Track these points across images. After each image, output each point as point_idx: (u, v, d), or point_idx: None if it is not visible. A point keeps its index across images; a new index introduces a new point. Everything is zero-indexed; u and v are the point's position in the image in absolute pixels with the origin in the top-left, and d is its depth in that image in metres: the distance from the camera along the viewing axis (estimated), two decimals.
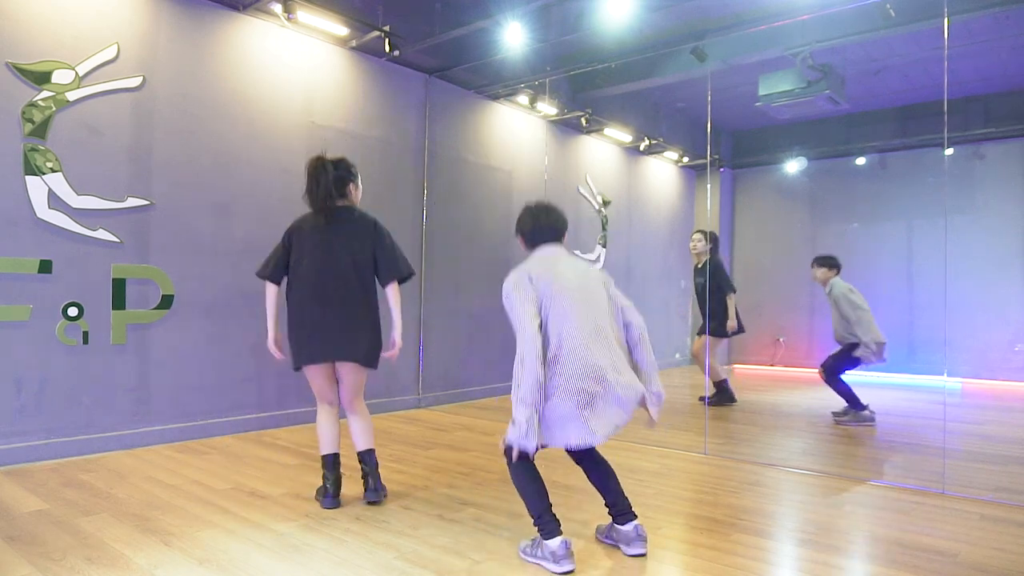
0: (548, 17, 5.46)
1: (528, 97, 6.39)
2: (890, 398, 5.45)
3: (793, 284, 7.03)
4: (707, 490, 3.37)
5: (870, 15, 4.73)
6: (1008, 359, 6.17)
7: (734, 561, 2.42)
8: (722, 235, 7.78)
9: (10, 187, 3.60)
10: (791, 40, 5.21)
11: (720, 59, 5.49)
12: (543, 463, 3.85)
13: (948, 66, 3.91)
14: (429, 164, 5.87)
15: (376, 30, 5.05)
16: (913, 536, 2.72)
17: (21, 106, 3.62)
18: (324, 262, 2.98)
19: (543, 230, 2.56)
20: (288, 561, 2.38)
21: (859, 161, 7.04)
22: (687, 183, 8.88)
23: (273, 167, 4.73)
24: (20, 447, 3.61)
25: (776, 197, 7.71)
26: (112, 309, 3.96)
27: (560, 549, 2.28)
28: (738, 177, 7.91)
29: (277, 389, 4.76)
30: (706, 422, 5.10)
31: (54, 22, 3.75)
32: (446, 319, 6.00)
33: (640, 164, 8.17)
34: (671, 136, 8.04)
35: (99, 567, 2.29)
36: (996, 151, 6.37)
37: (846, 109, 6.23)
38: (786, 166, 7.48)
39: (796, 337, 7.14)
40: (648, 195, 8.33)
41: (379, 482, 3.06)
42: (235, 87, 4.55)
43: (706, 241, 5.85)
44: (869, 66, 5.99)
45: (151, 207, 4.13)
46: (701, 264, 5.88)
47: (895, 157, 6.75)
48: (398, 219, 5.60)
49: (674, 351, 8.67)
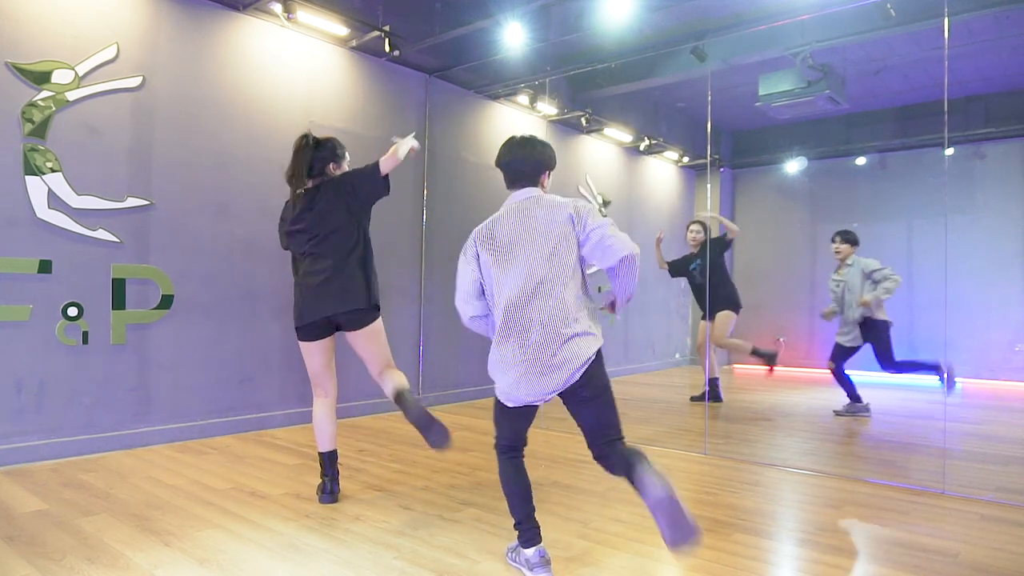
0: (548, 17, 5.46)
1: (528, 97, 6.39)
2: (890, 398, 5.45)
3: (793, 284, 7.03)
4: (707, 490, 3.37)
5: (870, 15, 4.73)
6: (1008, 359, 6.17)
7: (734, 561, 2.42)
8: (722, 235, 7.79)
9: (10, 187, 3.59)
10: (791, 40, 5.21)
11: (720, 59, 5.49)
12: (546, 463, 3.86)
13: (948, 66, 3.91)
14: (429, 164, 5.87)
15: (376, 30, 5.05)
16: (913, 536, 2.72)
17: (21, 106, 3.62)
18: (302, 242, 3.00)
19: (511, 168, 2.35)
20: (288, 561, 2.38)
21: (859, 161, 7.04)
22: (687, 183, 8.88)
23: (273, 167, 4.73)
24: (20, 447, 3.61)
25: (776, 197, 7.71)
26: (112, 309, 3.96)
27: (534, 557, 2.23)
28: (738, 177, 7.91)
29: (277, 389, 4.76)
30: (706, 422, 5.10)
31: (54, 22, 3.75)
32: (446, 319, 6.00)
33: (640, 164, 8.17)
34: (671, 136, 8.03)
35: (99, 567, 2.29)
36: (996, 151, 6.37)
37: (846, 109, 6.23)
38: (786, 166, 7.48)
39: (796, 337, 7.15)
40: (648, 195, 8.33)
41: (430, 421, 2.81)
42: (235, 87, 4.55)
43: (704, 231, 5.97)
44: (869, 66, 5.99)
45: (151, 207, 4.13)
46: (698, 251, 5.93)
47: (895, 157, 6.75)
48: (398, 219, 5.60)
49: (674, 351, 8.67)
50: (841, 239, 5.37)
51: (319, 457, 3.12)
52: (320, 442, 3.11)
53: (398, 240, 5.63)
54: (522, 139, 2.37)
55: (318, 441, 3.12)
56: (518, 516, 2.28)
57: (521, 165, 2.33)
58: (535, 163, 2.33)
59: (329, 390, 3.14)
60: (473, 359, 6.22)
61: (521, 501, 2.29)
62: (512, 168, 2.35)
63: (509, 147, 2.36)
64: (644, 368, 8.19)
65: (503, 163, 2.37)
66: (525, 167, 2.33)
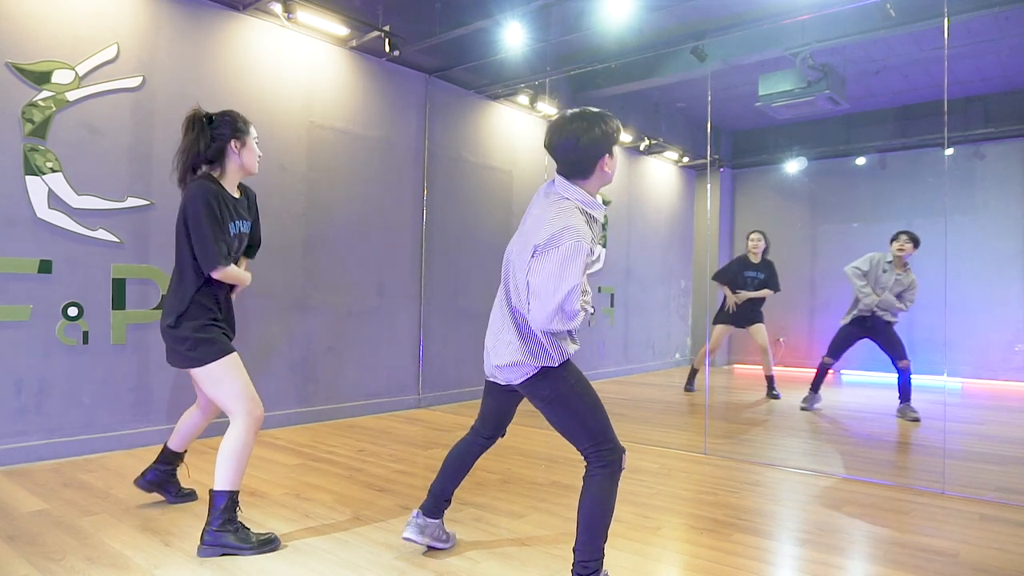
0: (548, 17, 5.45)
1: (528, 97, 6.39)
2: (890, 398, 5.45)
3: (793, 284, 7.03)
4: (707, 490, 3.37)
5: (870, 15, 4.73)
6: (1008, 359, 6.17)
7: (734, 561, 2.42)
8: (722, 235, 7.81)
9: (10, 187, 3.59)
10: (791, 40, 5.21)
11: (720, 59, 5.49)
12: (546, 463, 3.86)
13: (948, 66, 3.91)
14: (429, 164, 5.87)
15: (376, 30, 5.05)
16: (913, 536, 2.72)
17: (21, 106, 3.62)
18: None
19: (552, 153, 2.09)
20: (288, 561, 2.38)
21: (859, 161, 7.04)
22: (687, 183, 8.88)
23: (272, 167, 4.73)
24: (20, 447, 3.61)
25: (776, 197, 7.71)
26: (112, 309, 3.95)
27: (410, 516, 2.48)
28: (738, 177, 7.91)
29: (277, 389, 4.76)
30: (706, 422, 5.10)
31: (54, 22, 3.75)
32: (446, 319, 6.00)
33: (640, 164, 8.17)
34: (671, 136, 8.03)
35: (99, 567, 2.29)
36: (996, 151, 6.37)
37: (846, 109, 6.23)
38: (786, 166, 7.49)
39: (796, 337, 7.15)
40: (648, 195, 8.33)
41: (215, 533, 2.41)
42: (235, 87, 4.55)
43: (764, 240, 6.31)
44: (869, 66, 5.99)
45: (151, 207, 4.13)
46: (759, 260, 6.28)
47: (895, 157, 6.75)
48: (398, 219, 5.60)
49: (674, 351, 8.68)
50: (908, 238, 5.30)
51: (162, 447, 2.95)
52: (173, 439, 2.92)
53: (398, 240, 5.63)
54: (564, 115, 2.07)
55: (172, 436, 2.92)
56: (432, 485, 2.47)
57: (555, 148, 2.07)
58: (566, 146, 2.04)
59: (202, 404, 2.89)
60: (473, 359, 6.22)
61: (441, 473, 2.46)
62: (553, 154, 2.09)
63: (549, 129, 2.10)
64: (644, 368, 8.19)
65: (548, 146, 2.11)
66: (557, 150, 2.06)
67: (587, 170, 2.05)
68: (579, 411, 2.10)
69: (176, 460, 2.96)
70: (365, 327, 5.33)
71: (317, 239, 5.01)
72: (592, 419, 2.10)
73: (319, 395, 5.03)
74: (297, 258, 4.89)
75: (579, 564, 2.05)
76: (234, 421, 2.50)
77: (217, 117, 2.59)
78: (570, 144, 2.02)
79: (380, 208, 5.48)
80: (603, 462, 2.08)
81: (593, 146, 2.02)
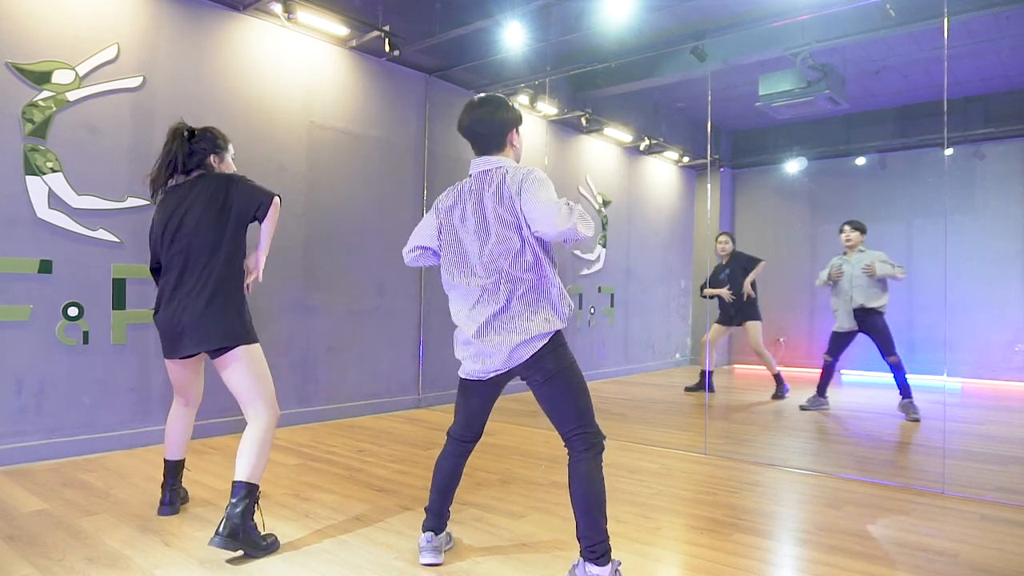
0: (548, 17, 5.46)
1: (528, 97, 6.39)
2: (890, 398, 5.45)
3: (793, 284, 7.03)
4: (707, 490, 3.37)
5: (870, 15, 4.73)
6: (1008, 359, 6.17)
7: (734, 561, 2.42)
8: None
9: (10, 187, 3.60)
10: (791, 40, 5.21)
11: (720, 59, 5.49)
12: (546, 463, 3.86)
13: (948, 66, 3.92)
14: (429, 164, 5.87)
15: (376, 30, 5.05)
16: (913, 536, 2.72)
17: (21, 106, 3.62)
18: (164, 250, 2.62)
19: (467, 134, 2.29)
20: (288, 561, 2.38)
21: (859, 161, 7.04)
22: (687, 183, 8.88)
23: (272, 167, 4.74)
24: (20, 447, 3.61)
25: (776, 197, 7.71)
26: (112, 309, 3.96)
27: (422, 541, 2.37)
28: (738, 177, 7.91)
29: (277, 389, 4.74)
30: (706, 422, 5.10)
31: (54, 22, 3.75)
32: (446, 319, 5.97)
33: (640, 164, 8.17)
34: (671, 136, 8.04)
35: (99, 567, 2.29)
36: (996, 151, 6.37)
37: (846, 109, 6.23)
38: (786, 166, 7.48)
39: (796, 337, 7.14)
40: (648, 195, 8.33)
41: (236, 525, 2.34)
42: (235, 87, 4.55)
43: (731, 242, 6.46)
44: (869, 66, 5.99)
45: (151, 207, 4.11)
46: (727, 260, 6.40)
47: (895, 157, 6.75)
48: (398, 219, 5.60)
49: (674, 351, 8.68)
50: (851, 227, 5.51)
51: (164, 465, 2.86)
52: (168, 448, 2.86)
53: (398, 240, 5.62)
54: (474, 100, 2.30)
55: (166, 447, 2.86)
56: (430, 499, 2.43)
57: (475, 128, 2.27)
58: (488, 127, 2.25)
59: (192, 399, 2.85)
60: None
61: (434, 487, 2.41)
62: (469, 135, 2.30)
63: (463, 110, 2.30)
64: (644, 368, 8.19)
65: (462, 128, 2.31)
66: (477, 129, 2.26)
67: (501, 143, 2.27)
68: (574, 389, 2.18)
69: (181, 469, 2.93)
70: (365, 327, 5.33)
71: (317, 239, 5.01)
72: (584, 398, 2.19)
73: (319, 395, 5.03)
74: (297, 258, 4.89)
75: (586, 550, 2.08)
76: (258, 413, 2.56)
77: (199, 132, 2.72)
78: (484, 120, 2.25)
79: (380, 208, 5.48)
80: (586, 444, 2.14)
81: (503, 122, 2.25)
